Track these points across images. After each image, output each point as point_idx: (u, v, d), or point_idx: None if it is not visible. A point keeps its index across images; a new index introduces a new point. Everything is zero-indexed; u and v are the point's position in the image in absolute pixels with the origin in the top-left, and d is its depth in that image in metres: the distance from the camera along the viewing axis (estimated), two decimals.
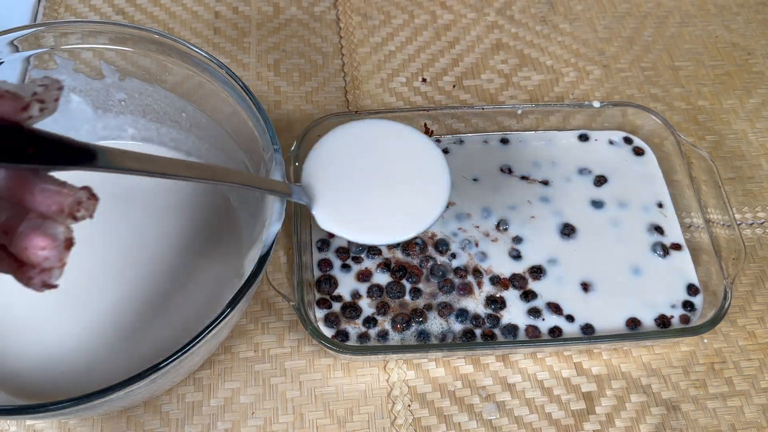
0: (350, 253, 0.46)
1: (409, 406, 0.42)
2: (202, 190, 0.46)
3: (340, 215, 0.40)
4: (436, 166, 0.42)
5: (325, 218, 0.40)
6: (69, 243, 0.25)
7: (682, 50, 0.60)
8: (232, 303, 0.32)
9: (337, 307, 0.44)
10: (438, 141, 0.51)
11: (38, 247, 0.24)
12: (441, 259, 0.46)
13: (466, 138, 0.51)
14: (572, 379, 0.43)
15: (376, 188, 0.41)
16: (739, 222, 0.51)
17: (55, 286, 0.25)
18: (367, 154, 0.42)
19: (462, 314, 0.44)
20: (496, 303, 0.44)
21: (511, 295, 0.45)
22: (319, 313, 0.43)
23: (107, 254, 0.43)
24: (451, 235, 0.47)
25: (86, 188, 0.25)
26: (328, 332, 0.43)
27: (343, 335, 0.43)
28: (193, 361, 0.35)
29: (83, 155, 0.24)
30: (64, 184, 0.25)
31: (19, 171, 0.24)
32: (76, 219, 0.25)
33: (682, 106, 0.56)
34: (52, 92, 0.24)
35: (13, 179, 0.24)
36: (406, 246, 0.46)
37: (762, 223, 0.51)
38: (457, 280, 0.45)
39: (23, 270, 0.25)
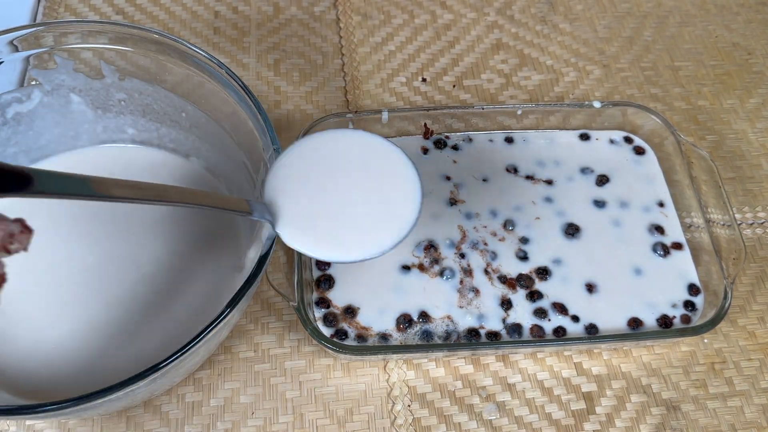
0: None
1: (409, 406, 0.42)
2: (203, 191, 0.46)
3: (305, 232, 0.37)
4: (407, 178, 0.39)
5: (290, 236, 0.37)
6: (1, 279, 0.23)
7: (682, 50, 0.60)
8: (232, 303, 0.32)
9: (335, 306, 0.44)
10: (447, 138, 0.51)
11: None
12: (452, 257, 0.46)
13: (475, 136, 0.51)
14: (572, 379, 0.43)
15: (343, 203, 0.38)
16: (739, 222, 0.51)
17: None
18: (334, 167, 0.39)
19: (469, 314, 0.44)
20: (503, 303, 0.44)
21: (518, 296, 0.45)
22: (318, 313, 0.43)
23: (107, 254, 0.43)
24: (460, 234, 0.47)
25: (19, 220, 0.24)
26: (326, 332, 0.43)
27: (341, 334, 0.43)
28: (193, 361, 0.35)
29: (16, 180, 0.23)
30: None
31: None
32: (9, 252, 0.23)
33: (683, 106, 0.56)
34: None
35: None
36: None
37: (762, 223, 0.51)
38: (468, 280, 0.45)
39: None
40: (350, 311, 0.43)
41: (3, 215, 0.23)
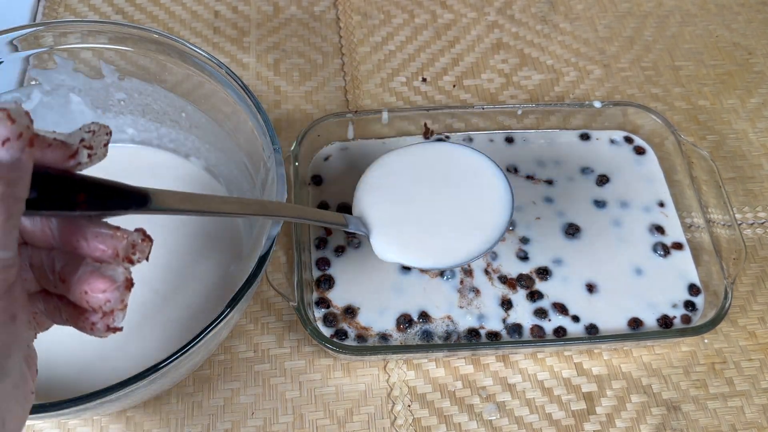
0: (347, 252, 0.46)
1: (409, 406, 0.42)
2: (202, 191, 0.45)
3: (398, 243, 0.39)
4: (496, 186, 0.40)
5: (383, 247, 0.39)
6: (129, 283, 0.24)
7: (682, 50, 0.60)
8: (232, 303, 0.32)
9: (335, 306, 0.44)
10: (447, 138, 0.51)
11: (99, 290, 0.24)
12: None
13: (475, 135, 0.51)
14: (573, 379, 0.43)
15: (433, 213, 0.40)
16: (739, 222, 0.50)
17: (120, 329, 0.25)
18: (421, 178, 0.41)
19: (469, 314, 0.44)
20: (503, 303, 0.44)
21: (518, 296, 0.45)
22: (318, 313, 0.43)
23: None
24: None
25: (140, 230, 0.25)
26: (326, 332, 0.42)
27: (341, 334, 0.43)
28: (192, 362, 0.35)
29: (135, 199, 0.24)
30: (117, 228, 0.24)
31: (71, 219, 0.24)
32: (132, 262, 0.25)
33: (683, 106, 0.56)
34: (100, 137, 0.24)
35: (66, 227, 0.24)
36: None
37: (762, 223, 0.51)
38: (468, 280, 0.45)
39: (85, 317, 0.25)
40: (350, 311, 0.43)
41: (123, 228, 0.25)
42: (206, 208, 0.28)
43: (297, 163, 0.46)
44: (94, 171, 0.24)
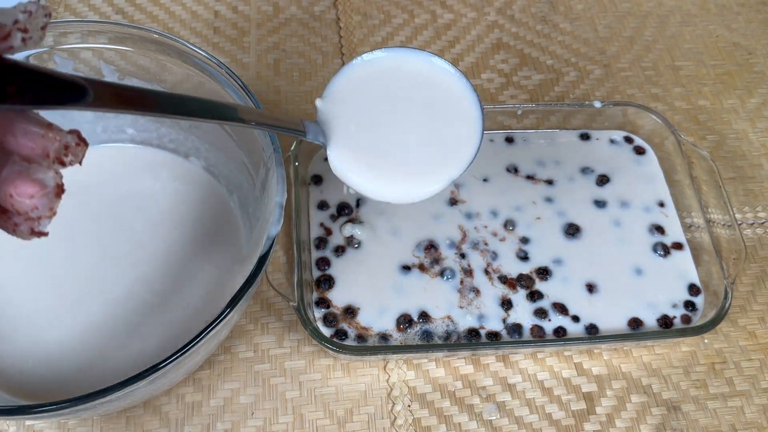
0: (347, 251, 0.46)
1: (409, 406, 0.42)
2: (202, 191, 0.45)
3: (357, 166, 0.36)
4: (467, 113, 0.37)
5: (341, 165, 0.36)
6: (60, 190, 0.22)
7: (682, 50, 0.60)
8: (232, 303, 0.32)
9: (335, 306, 0.44)
10: None
11: (26, 195, 0.21)
12: (452, 257, 0.46)
13: None
14: (573, 379, 0.43)
15: (398, 134, 0.36)
16: (739, 222, 0.50)
17: (45, 234, 0.23)
18: (392, 90, 0.37)
19: (469, 314, 0.44)
20: (503, 303, 0.44)
21: (518, 296, 0.45)
22: (318, 313, 0.43)
23: (107, 255, 0.43)
24: (460, 234, 0.47)
25: (74, 131, 0.23)
26: (326, 332, 0.42)
27: (341, 334, 0.43)
28: (192, 362, 0.35)
29: (72, 92, 0.21)
30: (50, 126, 0.22)
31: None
32: (63, 164, 0.22)
33: (683, 106, 0.56)
34: (37, 20, 0.21)
35: None
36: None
37: (763, 223, 0.51)
38: (468, 281, 0.45)
39: (7, 216, 0.22)
40: (350, 311, 0.43)
41: (58, 126, 0.22)
42: (149, 105, 0.24)
43: (297, 163, 0.46)
44: (85, 170, 0.22)
